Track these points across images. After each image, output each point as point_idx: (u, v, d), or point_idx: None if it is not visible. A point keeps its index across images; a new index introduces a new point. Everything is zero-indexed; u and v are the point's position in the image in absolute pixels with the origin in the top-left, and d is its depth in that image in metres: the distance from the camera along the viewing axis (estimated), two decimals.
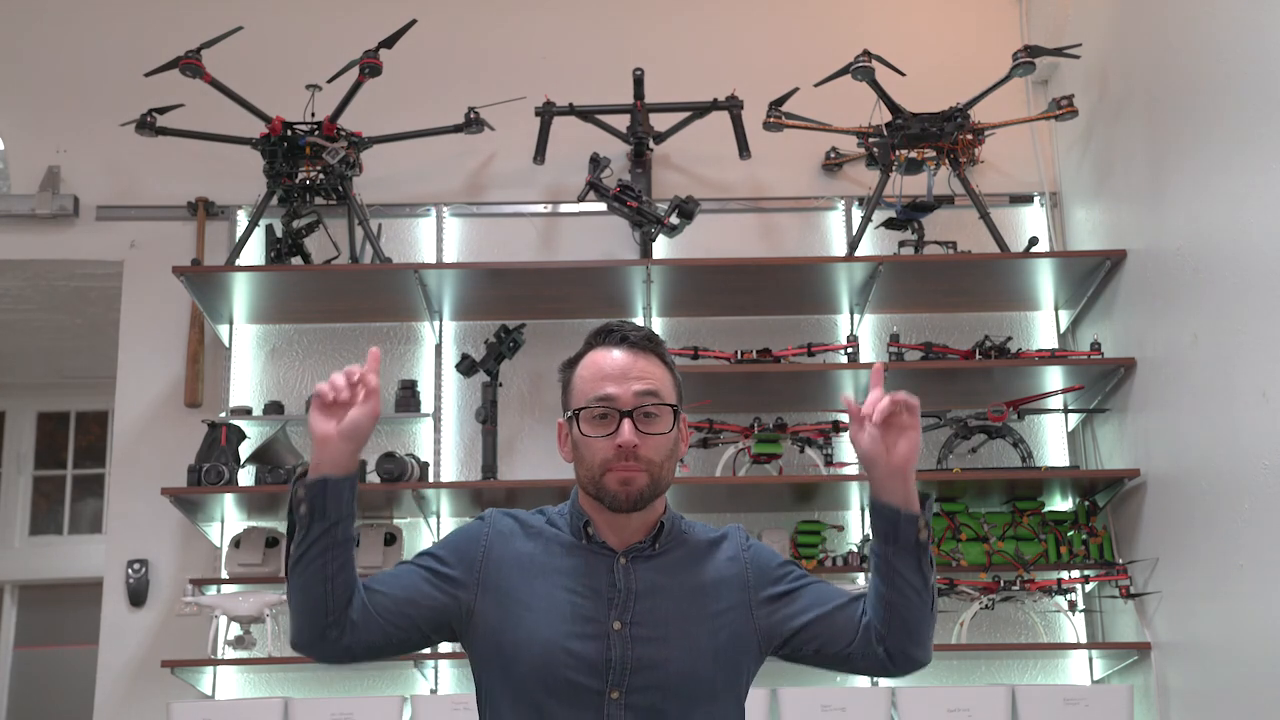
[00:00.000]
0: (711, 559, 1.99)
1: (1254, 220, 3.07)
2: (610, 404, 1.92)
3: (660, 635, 1.89)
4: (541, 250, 4.40)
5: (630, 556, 1.95)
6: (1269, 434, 3.00)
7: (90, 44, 4.57)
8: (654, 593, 1.93)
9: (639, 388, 1.92)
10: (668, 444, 1.94)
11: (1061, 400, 4.10)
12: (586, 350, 1.99)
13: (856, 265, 3.99)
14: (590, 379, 1.95)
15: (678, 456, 1.98)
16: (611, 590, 1.92)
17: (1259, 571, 3.08)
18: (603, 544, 1.96)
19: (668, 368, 1.99)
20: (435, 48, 4.46)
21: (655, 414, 1.93)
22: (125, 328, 4.31)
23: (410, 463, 3.89)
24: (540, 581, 1.93)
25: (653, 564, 1.96)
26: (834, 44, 4.28)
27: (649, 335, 1.99)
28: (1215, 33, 3.28)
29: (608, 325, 1.99)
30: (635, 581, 1.93)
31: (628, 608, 1.91)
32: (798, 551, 3.93)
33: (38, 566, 6.61)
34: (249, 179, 4.18)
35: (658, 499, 1.96)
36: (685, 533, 2.03)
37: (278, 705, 3.67)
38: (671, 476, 1.97)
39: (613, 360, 1.95)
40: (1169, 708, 3.61)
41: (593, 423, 1.92)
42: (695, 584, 1.95)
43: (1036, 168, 4.46)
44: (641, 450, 1.90)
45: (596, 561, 1.95)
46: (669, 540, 1.99)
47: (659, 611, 1.91)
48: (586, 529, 1.96)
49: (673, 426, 1.94)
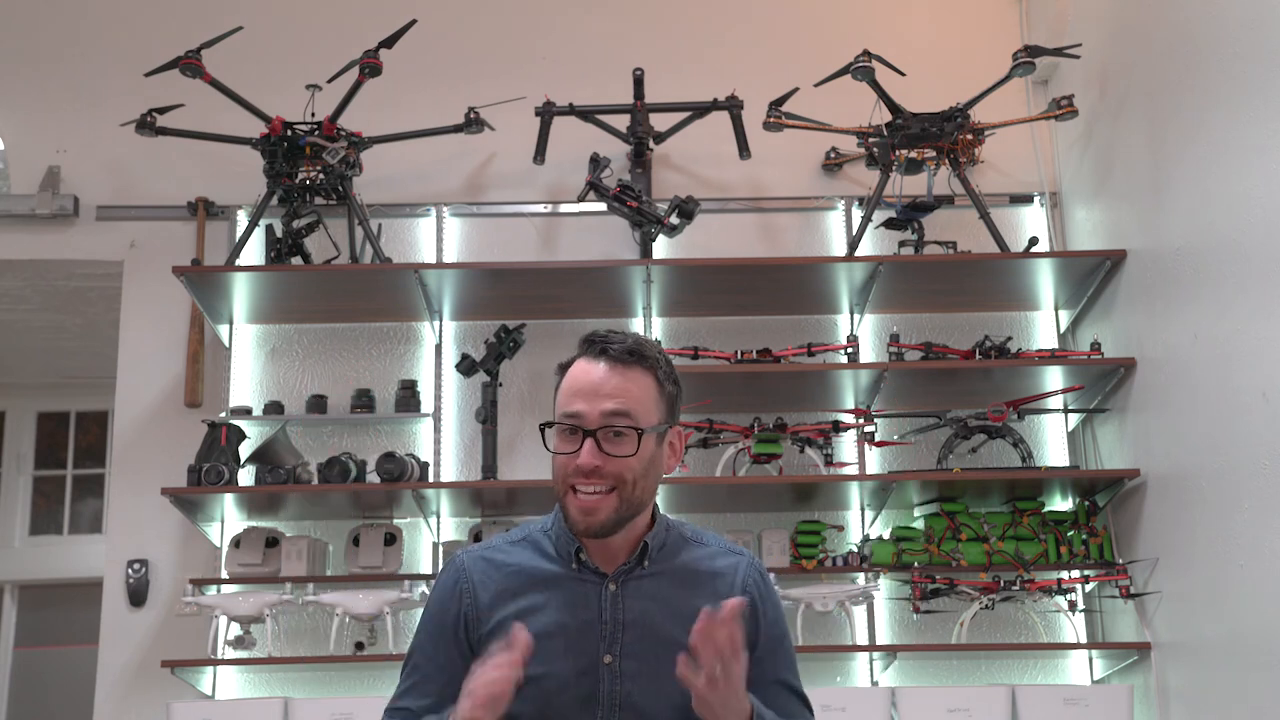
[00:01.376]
0: (711, 588, 1.92)
1: (1254, 220, 3.07)
2: (577, 420, 1.86)
3: (649, 670, 1.85)
4: (541, 250, 4.40)
5: (620, 580, 1.91)
6: (1269, 434, 3.00)
7: (90, 44, 4.57)
8: (643, 622, 1.89)
9: (608, 407, 1.85)
10: (639, 464, 1.86)
11: (1061, 400, 4.10)
12: (572, 361, 1.94)
13: (856, 265, 3.99)
14: (566, 392, 1.90)
15: (659, 474, 1.92)
16: (599, 622, 1.89)
17: (1259, 571, 3.08)
18: (594, 569, 1.91)
19: (656, 380, 1.91)
20: (435, 48, 4.46)
21: (624, 434, 1.86)
22: (125, 328, 4.31)
23: (410, 463, 3.89)
24: (530, 620, 1.86)
25: (644, 587, 1.91)
26: (834, 44, 4.28)
27: (632, 348, 1.90)
28: (1215, 32, 3.28)
29: (593, 335, 1.93)
30: (623, 611, 1.89)
31: (616, 639, 1.88)
32: (798, 551, 3.93)
33: (38, 566, 6.62)
34: (249, 179, 4.18)
35: (637, 517, 1.91)
36: (681, 546, 1.97)
37: (278, 705, 3.67)
38: (648, 495, 1.91)
39: (589, 375, 1.89)
40: (1169, 708, 3.61)
41: (560, 438, 1.88)
42: (688, 613, 1.80)
43: (1036, 168, 4.46)
44: (606, 468, 1.85)
45: (586, 590, 1.90)
46: (661, 557, 1.94)
47: (648, 642, 1.87)
48: (579, 555, 1.92)
49: (638, 449, 1.86)
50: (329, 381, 4.25)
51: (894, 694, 3.71)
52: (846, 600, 3.84)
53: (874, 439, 4.04)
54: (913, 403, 4.14)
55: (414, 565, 4.09)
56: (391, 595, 3.81)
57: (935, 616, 3.98)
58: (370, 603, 3.78)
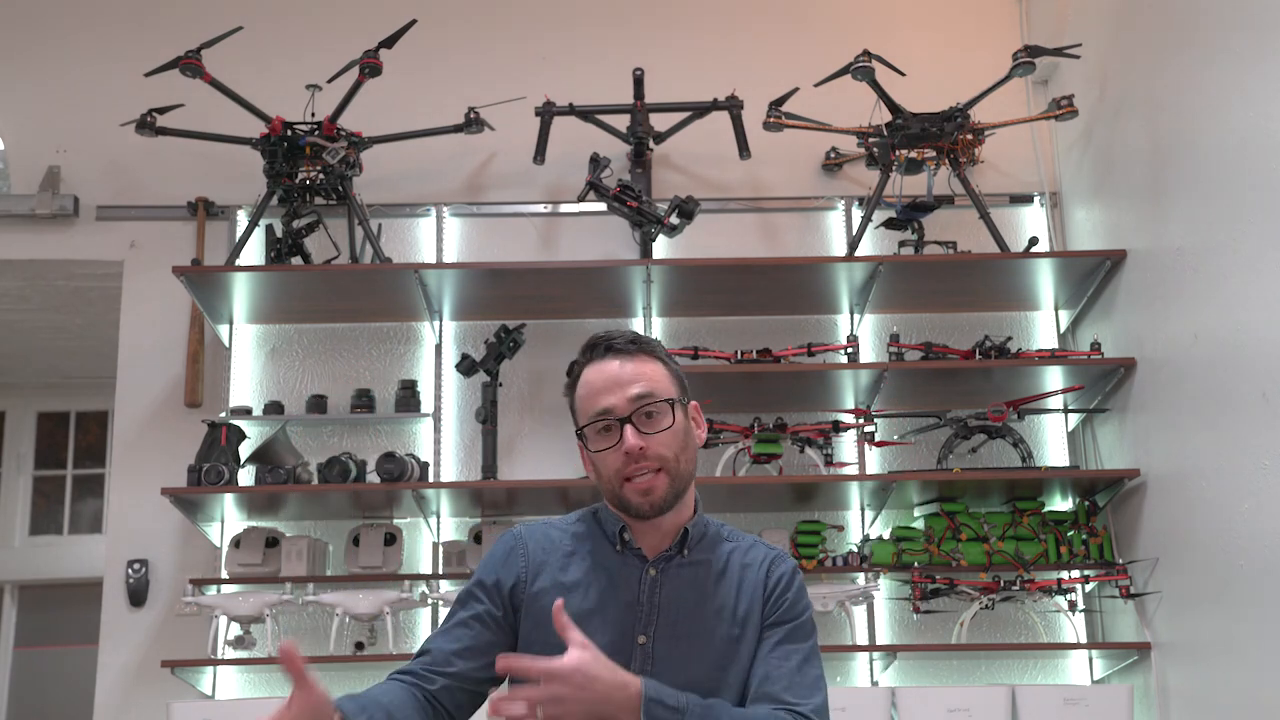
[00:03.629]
0: (739, 579, 1.98)
1: (1254, 220, 3.07)
2: (609, 415, 1.93)
3: (678, 655, 1.91)
4: (541, 250, 4.40)
5: (659, 566, 1.97)
6: (1269, 434, 3.00)
7: (90, 44, 4.57)
8: (678, 607, 1.94)
9: (633, 391, 1.93)
10: (676, 437, 1.95)
11: (1061, 400, 4.10)
12: (580, 370, 2.01)
13: (856, 265, 3.99)
14: (587, 396, 1.97)
15: (695, 445, 2.00)
16: (637, 604, 1.94)
17: (1259, 571, 3.08)
18: (638, 550, 1.97)
19: (661, 362, 2.00)
20: (435, 48, 4.46)
21: (655, 412, 1.94)
22: (125, 328, 4.31)
23: (410, 463, 3.89)
24: (573, 595, 1.93)
25: (683, 574, 1.97)
26: (834, 44, 4.28)
27: (634, 338, 2.00)
28: (1216, 32, 3.28)
29: (593, 339, 2.00)
30: (660, 595, 1.95)
31: (651, 621, 1.93)
32: (798, 551, 3.93)
33: (38, 566, 6.62)
34: (249, 179, 4.19)
35: (685, 496, 1.98)
36: (719, 541, 2.03)
37: (278, 705, 3.66)
38: (691, 466, 1.98)
39: (604, 372, 1.96)
40: (1169, 708, 3.61)
41: (598, 437, 1.95)
42: (719, 605, 1.95)
43: (1036, 168, 4.46)
44: (650, 449, 1.92)
45: (628, 572, 1.96)
46: (700, 548, 2.00)
47: (681, 628, 1.93)
48: (623, 534, 1.98)
49: (674, 420, 1.95)
50: (329, 381, 4.25)
51: (894, 694, 3.71)
52: (846, 600, 3.84)
53: (874, 439, 4.04)
54: (913, 403, 4.15)
55: (414, 565, 4.09)
56: (391, 595, 3.81)
57: (935, 616, 3.99)
58: (370, 603, 3.78)
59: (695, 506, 2.02)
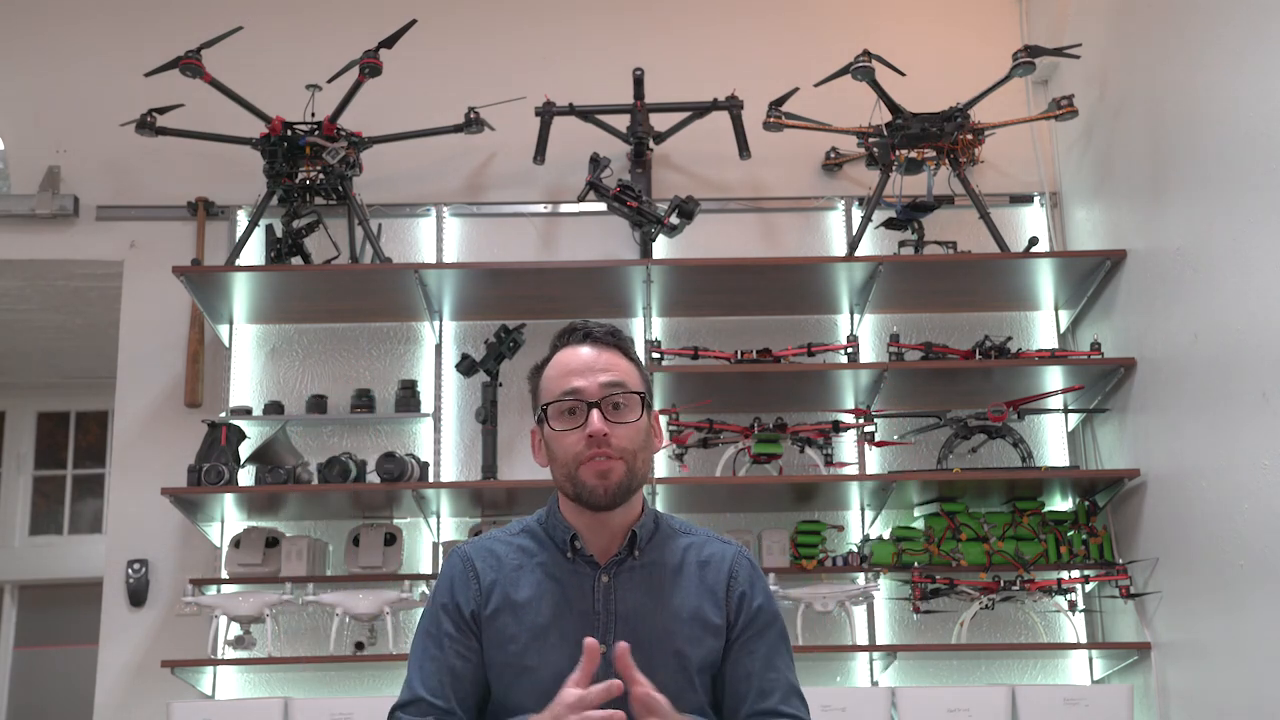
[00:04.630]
0: (699, 578, 1.97)
1: (1254, 220, 3.07)
2: (577, 396, 1.92)
3: (641, 661, 1.85)
4: (541, 250, 4.40)
5: (612, 572, 1.94)
6: (1269, 434, 3.00)
7: (90, 44, 4.57)
8: (636, 613, 1.92)
9: (605, 379, 1.92)
10: (640, 434, 1.93)
11: (1061, 400, 4.10)
12: (552, 352, 2.00)
13: (856, 265, 3.99)
14: (557, 376, 1.95)
15: (652, 450, 1.98)
16: (593, 613, 1.92)
17: (1259, 571, 3.08)
18: (589, 558, 1.95)
19: (633, 363, 1.99)
20: (435, 48, 4.46)
21: (623, 403, 1.92)
22: (125, 328, 4.31)
23: (410, 463, 3.89)
24: (527, 611, 1.92)
25: (636, 578, 1.95)
26: (834, 44, 4.28)
27: (612, 330, 1.99)
28: (1215, 33, 3.28)
29: (571, 325, 2.00)
30: (616, 603, 1.93)
31: (610, 630, 1.91)
32: (798, 551, 3.93)
33: (38, 566, 6.62)
34: (249, 179, 4.18)
35: (635, 495, 1.96)
36: (671, 536, 2.01)
37: (278, 705, 3.67)
38: (647, 469, 1.96)
39: (578, 356, 1.95)
40: (1169, 708, 3.61)
41: (562, 417, 1.93)
42: (677, 606, 1.93)
43: (1036, 168, 4.46)
44: (613, 439, 1.90)
45: (580, 580, 1.94)
46: (651, 547, 1.97)
47: (641, 635, 1.90)
48: (574, 542, 1.95)
49: (641, 415, 1.94)
50: (329, 381, 4.25)
51: (894, 694, 3.71)
52: (846, 600, 3.84)
53: (874, 439, 4.04)
54: (913, 403, 4.15)
55: (414, 565, 4.09)
56: (391, 595, 3.81)
57: (935, 616, 3.99)
58: (370, 603, 3.78)
59: (643, 508, 2.00)
